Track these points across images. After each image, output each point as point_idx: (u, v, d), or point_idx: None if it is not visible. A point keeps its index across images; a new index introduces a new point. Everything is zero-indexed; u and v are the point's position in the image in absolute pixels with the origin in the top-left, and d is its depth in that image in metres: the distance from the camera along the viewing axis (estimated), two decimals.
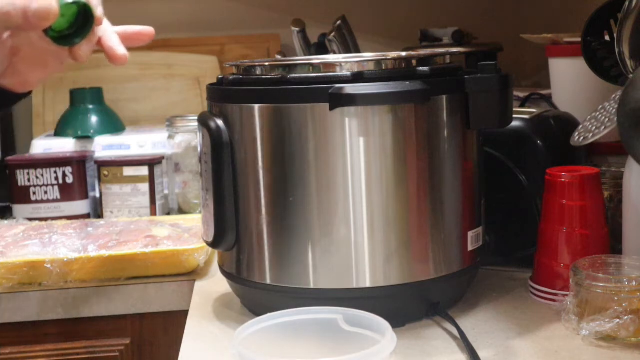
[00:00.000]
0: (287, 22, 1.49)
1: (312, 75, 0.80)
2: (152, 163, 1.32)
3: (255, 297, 0.87)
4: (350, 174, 0.78)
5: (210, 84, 0.89)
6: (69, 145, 1.46)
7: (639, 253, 0.86)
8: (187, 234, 1.13)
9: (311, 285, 0.80)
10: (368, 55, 0.91)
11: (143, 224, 1.17)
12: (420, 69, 0.81)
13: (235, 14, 1.81)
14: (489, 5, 1.82)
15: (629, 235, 0.88)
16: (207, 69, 1.73)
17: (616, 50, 0.86)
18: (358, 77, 0.78)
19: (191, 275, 1.05)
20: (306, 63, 0.82)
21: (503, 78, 0.82)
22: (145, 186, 1.31)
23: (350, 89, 0.76)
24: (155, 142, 1.44)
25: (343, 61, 0.81)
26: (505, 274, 0.99)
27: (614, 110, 0.85)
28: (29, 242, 1.09)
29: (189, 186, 1.35)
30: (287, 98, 0.79)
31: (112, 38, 0.79)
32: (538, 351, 0.76)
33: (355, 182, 0.78)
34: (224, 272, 0.90)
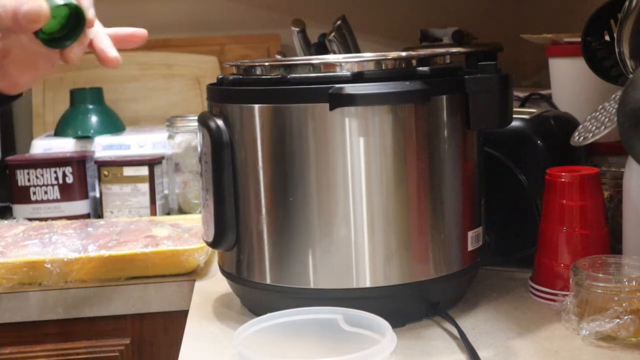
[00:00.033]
0: (287, 22, 1.49)
1: (312, 75, 0.80)
2: (152, 163, 1.32)
3: (255, 297, 0.87)
4: (350, 174, 0.78)
5: (210, 84, 0.89)
6: (69, 145, 1.46)
7: (639, 253, 0.86)
8: (187, 234, 1.13)
9: (311, 285, 0.80)
10: (368, 55, 0.91)
11: (143, 224, 1.17)
12: (420, 69, 0.81)
13: (235, 14, 1.81)
14: (489, 5, 1.82)
15: (629, 235, 0.88)
16: (207, 69, 1.73)
17: (616, 50, 0.86)
18: (358, 77, 0.78)
19: (191, 275, 1.05)
20: (306, 63, 0.82)
21: (503, 78, 0.82)
22: (145, 186, 1.31)
23: (350, 89, 0.76)
24: (155, 142, 1.44)
25: (343, 61, 0.81)
26: (505, 274, 0.99)
27: (614, 110, 0.85)
28: (29, 242, 1.09)
29: (189, 186, 1.35)
30: (287, 98, 0.79)
31: (104, 40, 0.78)
32: (538, 351, 0.76)
33: (355, 182, 0.78)
34: (224, 272, 0.90)
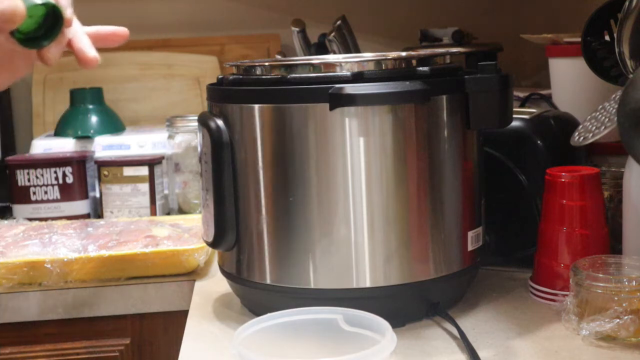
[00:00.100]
0: (287, 22, 1.49)
1: (312, 75, 0.80)
2: (152, 163, 1.32)
3: (255, 297, 0.87)
4: (350, 174, 0.78)
5: (210, 84, 0.89)
6: (69, 145, 1.46)
7: (639, 253, 0.86)
8: (187, 234, 1.13)
9: (311, 285, 0.80)
10: (368, 55, 0.91)
11: (143, 224, 1.17)
12: (420, 69, 0.81)
13: (235, 14, 1.81)
14: (489, 5, 1.82)
15: (629, 235, 0.88)
16: (207, 69, 1.73)
17: (616, 50, 0.86)
18: (358, 77, 0.78)
19: (191, 275, 1.05)
20: (306, 63, 0.82)
21: (503, 78, 0.82)
22: (145, 186, 1.31)
23: (350, 89, 0.76)
24: (155, 142, 1.44)
25: (343, 61, 0.81)
26: (505, 274, 0.99)
27: (614, 110, 0.85)
28: (29, 242, 1.09)
29: (189, 186, 1.35)
30: (287, 98, 0.79)
31: (83, 40, 0.76)
32: (538, 351, 0.76)
33: (355, 182, 0.78)
34: (224, 272, 0.90)
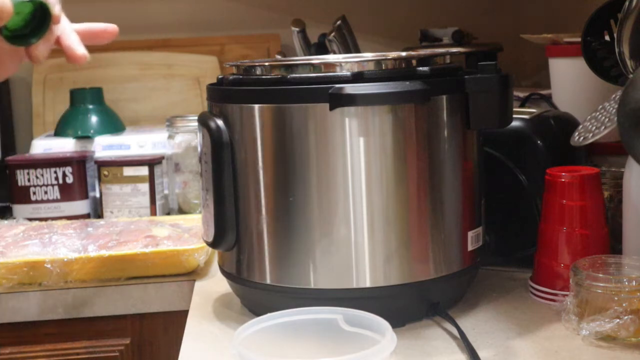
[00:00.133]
0: (287, 22, 1.49)
1: (312, 75, 0.80)
2: (152, 163, 1.32)
3: (255, 297, 0.87)
4: (350, 174, 0.78)
5: (210, 84, 0.89)
6: (69, 145, 1.46)
7: (639, 253, 0.86)
8: (187, 234, 1.13)
9: (311, 285, 0.80)
10: (368, 55, 0.91)
11: (143, 224, 1.17)
12: (420, 69, 0.81)
13: (235, 14, 1.81)
14: (489, 5, 1.82)
15: (629, 235, 0.88)
16: (207, 69, 1.73)
17: (616, 50, 0.86)
18: (358, 77, 0.78)
19: (191, 275, 1.05)
20: (306, 63, 0.82)
21: (503, 78, 0.82)
22: (145, 186, 1.31)
23: (350, 89, 0.76)
24: (155, 142, 1.44)
25: (343, 61, 0.81)
26: (505, 274, 0.99)
27: (614, 110, 0.85)
28: (29, 242, 1.09)
29: (189, 186, 1.35)
30: (287, 98, 0.79)
31: (71, 37, 0.75)
32: (538, 351, 0.76)
33: (355, 182, 0.78)
34: (224, 272, 0.90)
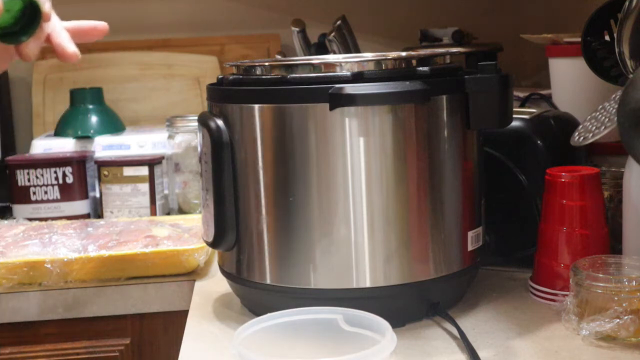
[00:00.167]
0: (287, 22, 1.49)
1: (312, 75, 0.80)
2: (152, 163, 1.32)
3: (255, 297, 0.87)
4: (350, 174, 0.78)
5: (210, 84, 0.89)
6: (69, 145, 1.46)
7: (639, 253, 0.86)
8: (187, 234, 1.13)
9: (311, 285, 0.80)
10: (368, 55, 0.91)
11: (143, 224, 1.17)
12: (420, 69, 0.81)
13: (235, 14, 1.81)
14: (489, 5, 1.82)
15: (629, 235, 0.88)
16: (207, 69, 1.73)
17: (616, 50, 0.86)
18: (358, 77, 0.78)
19: (191, 275, 1.05)
20: (306, 63, 0.82)
21: (503, 78, 0.82)
22: (145, 186, 1.31)
23: (350, 89, 0.76)
24: (155, 142, 1.44)
25: (343, 61, 0.81)
26: (505, 274, 0.99)
27: (614, 110, 0.85)
28: (29, 242, 1.09)
29: (189, 186, 1.35)
30: (287, 98, 0.79)
31: (62, 35, 0.76)
32: (538, 351, 0.76)
33: (355, 182, 0.78)
34: (224, 272, 0.90)
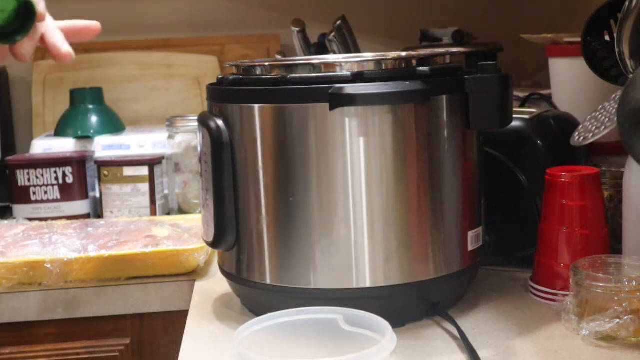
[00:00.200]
0: (287, 22, 1.49)
1: (312, 75, 0.80)
2: (152, 163, 1.32)
3: (255, 297, 0.87)
4: (350, 174, 0.78)
5: (210, 84, 0.89)
6: (69, 145, 1.46)
7: (639, 253, 0.86)
8: (187, 234, 1.13)
9: (311, 285, 0.80)
10: (368, 55, 0.91)
11: (143, 224, 1.17)
12: (420, 69, 0.81)
13: (235, 14, 1.81)
14: (489, 5, 1.82)
15: (629, 235, 0.88)
16: (207, 69, 1.73)
17: (616, 50, 0.86)
18: (358, 77, 0.78)
19: (191, 275, 1.05)
20: (306, 63, 0.82)
21: (503, 78, 0.82)
22: (145, 186, 1.31)
23: (350, 89, 0.76)
24: (155, 142, 1.44)
25: (343, 61, 0.81)
26: (505, 274, 0.99)
27: (614, 110, 0.85)
28: (29, 242, 1.09)
29: (189, 186, 1.35)
30: (287, 98, 0.79)
31: (56, 35, 0.76)
32: (538, 351, 0.76)
33: (355, 182, 0.78)
34: (224, 272, 0.90)
